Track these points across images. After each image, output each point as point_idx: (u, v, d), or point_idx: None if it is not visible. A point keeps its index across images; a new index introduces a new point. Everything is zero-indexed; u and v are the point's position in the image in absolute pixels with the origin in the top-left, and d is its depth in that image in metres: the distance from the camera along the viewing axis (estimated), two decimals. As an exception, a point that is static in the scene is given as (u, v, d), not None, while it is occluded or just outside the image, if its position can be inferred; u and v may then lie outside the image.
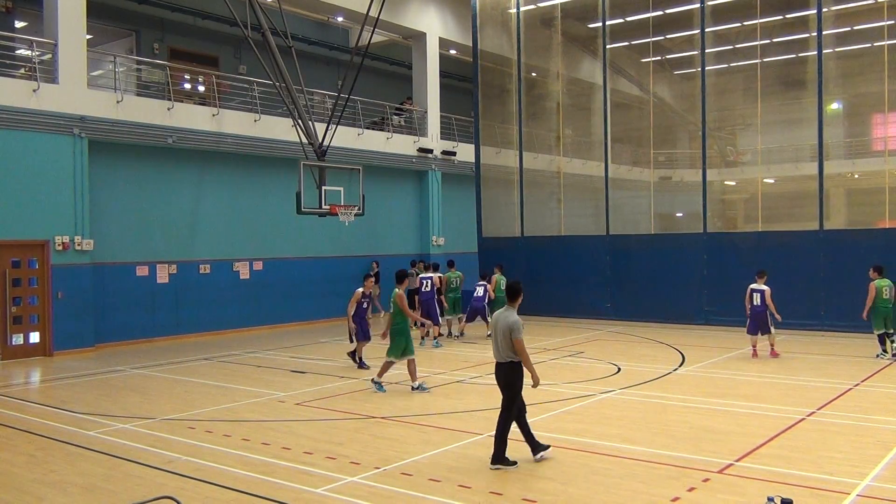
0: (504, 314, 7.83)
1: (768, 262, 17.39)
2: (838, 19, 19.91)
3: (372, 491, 6.97)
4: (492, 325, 7.97)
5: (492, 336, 7.94)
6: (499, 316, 7.88)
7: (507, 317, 7.77)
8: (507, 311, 7.86)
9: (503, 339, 7.72)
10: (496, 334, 7.81)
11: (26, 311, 16.22)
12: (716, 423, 9.34)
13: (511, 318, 7.74)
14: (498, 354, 7.81)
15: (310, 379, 13.02)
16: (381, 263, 22.30)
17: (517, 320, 7.71)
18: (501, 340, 7.74)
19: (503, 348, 7.74)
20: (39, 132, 16.11)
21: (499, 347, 7.78)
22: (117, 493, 7.06)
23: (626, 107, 23.67)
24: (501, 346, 7.75)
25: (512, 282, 8.14)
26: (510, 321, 7.70)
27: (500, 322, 7.80)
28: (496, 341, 7.81)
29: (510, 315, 7.78)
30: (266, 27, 18.25)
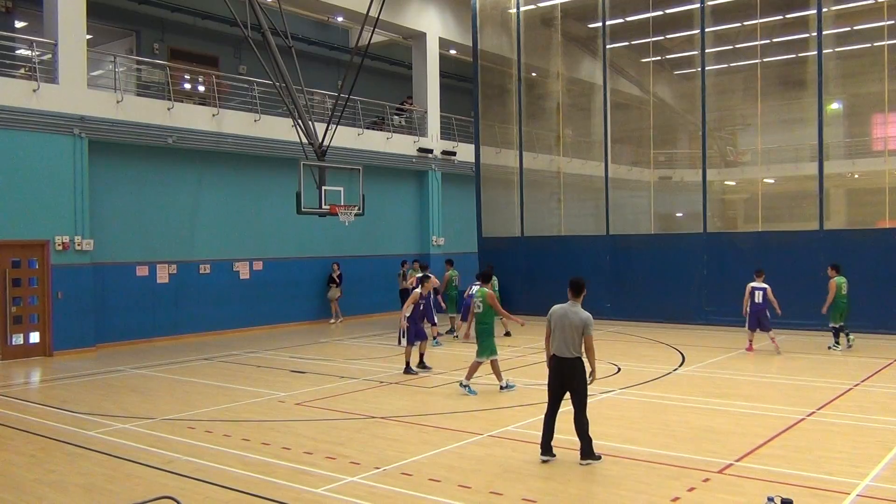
0: (573, 309, 7.74)
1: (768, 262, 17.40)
2: (838, 19, 19.91)
3: (372, 491, 6.97)
4: (556, 319, 7.82)
5: (555, 330, 7.80)
6: (567, 310, 7.76)
7: (578, 312, 7.70)
8: (574, 305, 7.78)
9: (574, 334, 7.63)
10: (563, 329, 7.69)
11: (26, 311, 16.22)
12: (716, 423, 9.34)
13: (583, 313, 7.69)
14: (564, 349, 7.70)
15: (310, 379, 13.02)
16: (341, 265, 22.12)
17: (590, 316, 7.69)
18: (572, 335, 7.64)
19: (572, 343, 7.65)
20: (39, 132, 16.11)
21: (566, 342, 7.67)
22: (117, 493, 7.06)
23: (626, 107, 23.67)
24: (570, 342, 7.65)
25: (576, 278, 8.03)
26: (583, 316, 7.65)
27: (570, 317, 7.69)
28: (563, 336, 7.69)
29: (581, 310, 7.71)
30: (266, 27, 18.25)
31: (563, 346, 7.69)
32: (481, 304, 11.68)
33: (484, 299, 11.64)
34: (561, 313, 7.79)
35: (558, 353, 7.73)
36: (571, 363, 7.69)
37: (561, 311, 7.82)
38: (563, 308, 7.82)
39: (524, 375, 12.96)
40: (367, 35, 18.58)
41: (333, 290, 21.74)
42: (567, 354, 7.69)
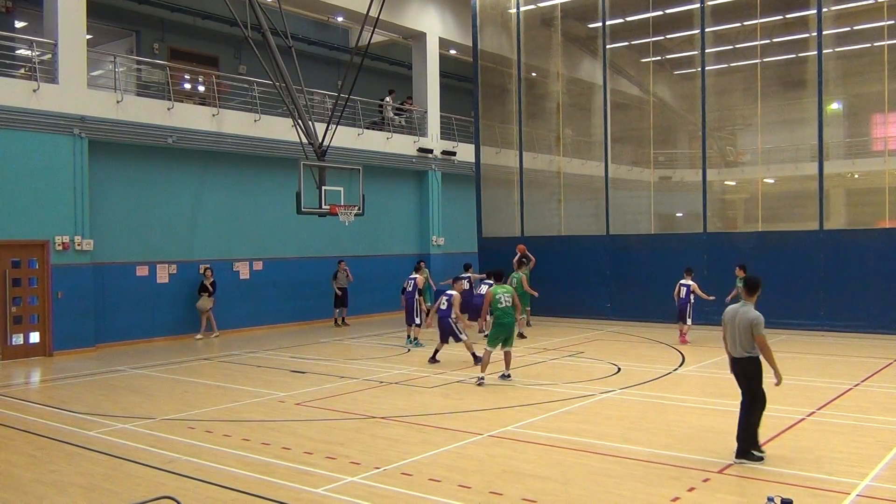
0: (744, 309, 7.68)
1: (768, 262, 17.41)
2: (838, 19, 19.90)
3: (372, 491, 6.97)
4: (727, 319, 7.80)
5: (725, 331, 7.80)
6: (737, 310, 7.72)
7: (748, 312, 7.62)
8: (746, 305, 7.71)
9: (743, 333, 7.59)
10: (733, 329, 7.67)
11: (26, 311, 16.22)
12: (716, 423, 9.33)
13: (752, 313, 7.60)
14: (734, 349, 7.69)
15: (310, 379, 13.02)
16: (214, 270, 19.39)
17: (760, 315, 7.59)
18: (741, 335, 7.60)
19: (742, 343, 7.61)
20: (39, 132, 16.11)
21: (736, 342, 7.65)
22: (117, 493, 7.06)
23: (626, 107, 23.66)
24: (740, 341, 7.62)
25: (752, 276, 8.00)
26: (751, 316, 7.57)
27: (739, 317, 7.65)
28: (733, 336, 7.67)
29: (750, 310, 7.64)
30: (266, 27, 18.25)
31: (732, 345, 7.72)
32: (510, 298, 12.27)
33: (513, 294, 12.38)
34: (731, 314, 7.77)
35: (730, 352, 7.79)
36: (742, 363, 7.67)
37: (731, 312, 7.78)
38: (733, 308, 7.80)
39: (524, 375, 12.96)
40: (367, 35, 18.58)
41: (204, 299, 18.87)
42: (737, 354, 7.68)
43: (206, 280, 18.90)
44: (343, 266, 21.63)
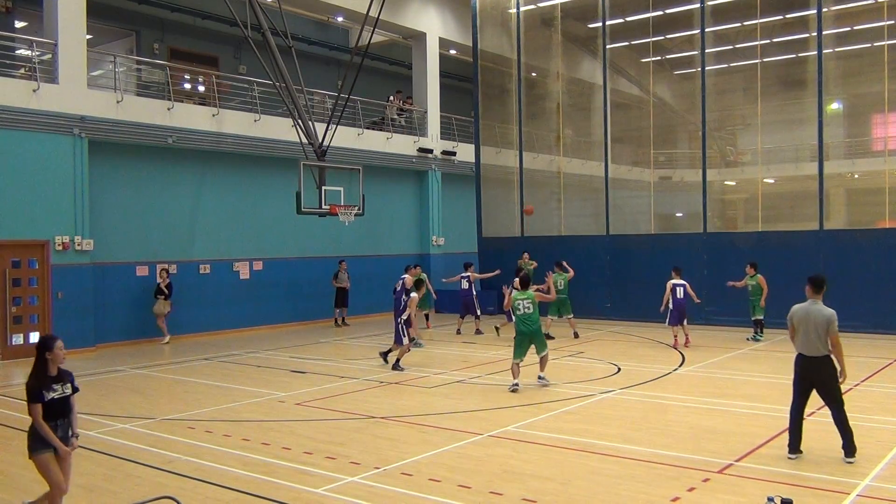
0: (816, 307, 7.55)
1: (768, 262, 17.40)
2: (838, 19, 19.91)
3: (372, 491, 6.96)
4: (799, 318, 7.66)
5: (799, 330, 7.66)
6: (809, 309, 7.58)
7: (823, 310, 7.50)
8: (816, 303, 7.58)
9: (821, 332, 7.45)
10: (807, 328, 7.53)
11: (26, 311, 16.22)
12: (716, 423, 9.34)
13: (827, 310, 7.48)
14: (811, 349, 7.53)
15: (310, 379, 13.02)
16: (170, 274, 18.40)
17: (834, 312, 7.49)
18: (820, 334, 7.46)
19: (818, 342, 7.49)
20: (39, 132, 16.11)
21: (811, 341, 7.51)
22: (117, 493, 7.06)
23: (626, 107, 23.67)
24: (817, 340, 7.49)
25: (817, 274, 7.88)
26: (826, 314, 7.46)
27: (814, 315, 7.51)
28: (807, 335, 7.53)
29: (825, 308, 7.51)
30: (266, 27, 18.26)
31: (808, 345, 7.56)
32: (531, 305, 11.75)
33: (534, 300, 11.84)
34: (804, 313, 7.62)
35: (805, 352, 7.63)
36: (818, 362, 7.54)
37: (804, 311, 7.63)
38: (804, 307, 7.65)
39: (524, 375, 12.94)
40: (367, 35, 18.59)
41: (160, 302, 17.91)
42: (814, 353, 7.55)
43: (161, 282, 17.92)
44: (344, 266, 21.61)
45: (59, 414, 5.97)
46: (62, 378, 6.03)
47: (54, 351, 5.94)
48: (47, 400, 5.84)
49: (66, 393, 6.00)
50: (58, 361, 5.96)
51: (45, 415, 5.85)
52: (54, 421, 5.93)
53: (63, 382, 6.01)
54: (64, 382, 6.01)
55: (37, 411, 5.85)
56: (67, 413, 6.04)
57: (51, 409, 5.89)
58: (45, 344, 5.98)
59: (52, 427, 5.90)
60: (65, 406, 6.00)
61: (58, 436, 5.93)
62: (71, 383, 6.07)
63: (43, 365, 5.93)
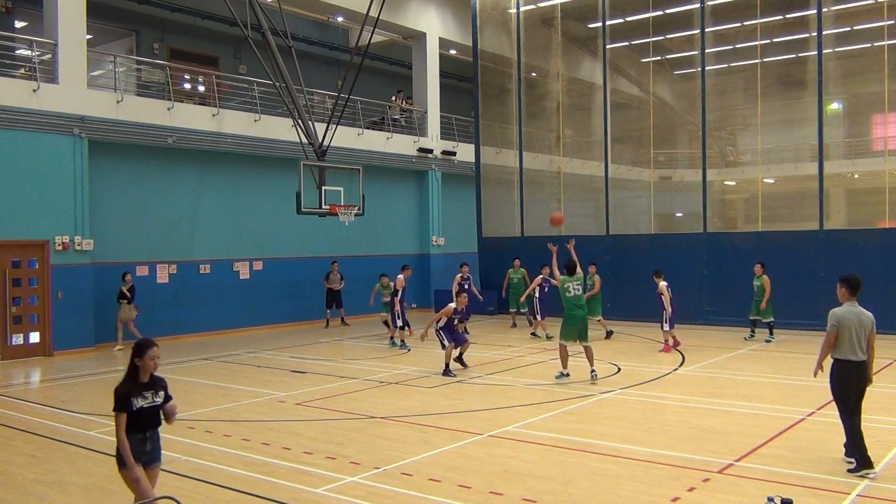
0: (859, 309, 7.36)
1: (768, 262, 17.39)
2: (838, 19, 19.89)
3: (372, 491, 6.96)
4: (847, 322, 7.33)
5: (850, 335, 7.33)
6: (857, 311, 7.36)
7: (865, 311, 7.34)
8: (856, 305, 7.39)
9: (865, 335, 7.31)
10: (858, 331, 7.29)
11: (26, 311, 16.22)
12: (716, 423, 9.34)
13: (868, 312, 7.33)
14: (858, 352, 7.33)
15: (310, 379, 13.02)
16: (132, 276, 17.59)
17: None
18: (864, 337, 7.31)
19: (864, 345, 7.32)
20: (39, 132, 16.11)
21: (860, 345, 7.31)
22: (117, 493, 7.05)
23: (626, 107, 23.66)
24: (862, 343, 7.31)
25: (853, 275, 7.58)
26: (871, 316, 7.32)
27: (862, 318, 7.32)
28: (857, 339, 7.30)
29: (865, 310, 7.35)
30: (266, 27, 18.26)
31: (857, 349, 7.31)
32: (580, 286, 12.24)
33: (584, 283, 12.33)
34: (854, 317, 7.33)
35: (854, 357, 7.31)
36: (863, 367, 7.36)
37: (854, 315, 7.34)
38: (852, 311, 7.37)
39: (524, 375, 12.96)
40: (367, 35, 18.58)
41: (125, 308, 17.04)
42: (861, 357, 7.32)
43: (124, 286, 17.04)
44: (336, 267, 21.58)
45: (149, 424, 5.50)
46: (154, 385, 5.55)
47: (144, 359, 5.46)
48: (135, 409, 5.38)
49: (156, 402, 5.51)
50: (148, 370, 5.50)
51: (132, 425, 5.38)
52: (143, 433, 5.46)
53: (155, 390, 5.53)
54: (156, 390, 5.53)
55: (121, 422, 5.37)
56: (158, 424, 5.59)
57: (139, 419, 5.42)
58: (136, 349, 5.52)
59: (140, 439, 5.43)
60: (155, 416, 5.54)
61: (146, 449, 5.48)
62: (164, 390, 5.59)
63: (134, 371, 5.48)
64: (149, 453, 5.49)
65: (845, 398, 7.41)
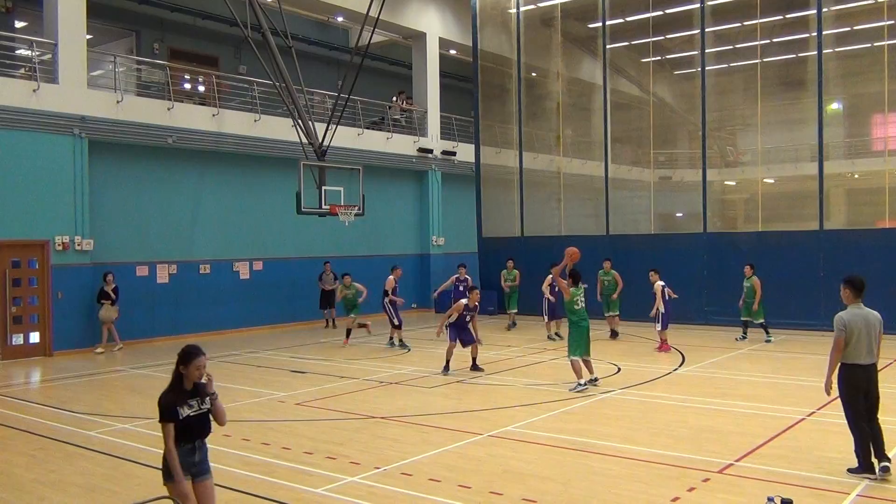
0: (867, 311, 7.13)
1: (768, 262, 17.40)
2: (838, 19, 19.89)
3: (372, 491, 6.96)
4: (858, 325, 7.06)
5: (860, 338, 7.07)
6: (866, 314, 7.12)
7: (873, 313, 7.11)
8: (863, 308, 7.16)
9: (876, 336, 7.09)
10: (870, 334, 7.06)
11: (26, 311, 16.22)
12: (716, 423, 9.34)
13: (875, 313, 7.11)
14: (870, 356, 7.08)
15: (310, 379, 13.02)
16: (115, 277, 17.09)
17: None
18: (875, 339, 7.09)
19: (874, 346, 7.10)
20: (39, 132, 16.11)
21: (872, 348, 7.08)
22: (117, 493, 7.06)
23: (626, 107, 23.65)
24: (874, 346, 7.10)
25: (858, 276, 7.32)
26: (879, 317, 7.11)
27: (870, 319, 7.10)
28: (869, 342, 7.06)
29: (871, 310, 7.14)
30: (266, 27, 18.25)
31: (867, 352, 7.07)
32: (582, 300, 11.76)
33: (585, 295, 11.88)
34: (862, 319, 7.07)
35: (863, 360, 7.07)
36: (873, 369, 7.14)
37: (862, 317, 7.09)
38: (861, 313, 7.12)
39: (524, 375, 12.96)
40: (367, 35, 18.58)
41: (107, 308, 16.67)
42: (871, 360, 7.10)
43: (106, 286, 16.70)
44: (329, 267, 21.48)
45: (198, 433, 5.21)
46: (199, 392, 5.24)
47: (189, 368, 5.18)
48: (182, 417, 5.10)
49: (203, 409, 5.22)
50: (192, 379, 5.20)
51: (180, 435, 5.11)
52: (191, 442, 5.18)
53: (200, 397, 5.23)
54: (202, 397, 5.23)
55: (168, 431, 5.07)
56: (206, 433, 5.29)
57: (187, 428, 5.14)
58: (182, 357, 5.23)
59: (188, 449, 5.16)
60: (203, 425, 5.24)
61: (194, 460, 5.19)
62: (209, 396, 5.26)
63: (178, 379, 5.21)
64: (197, 465, 5.23)
65: (854, 403, 7.14)
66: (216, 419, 5.34)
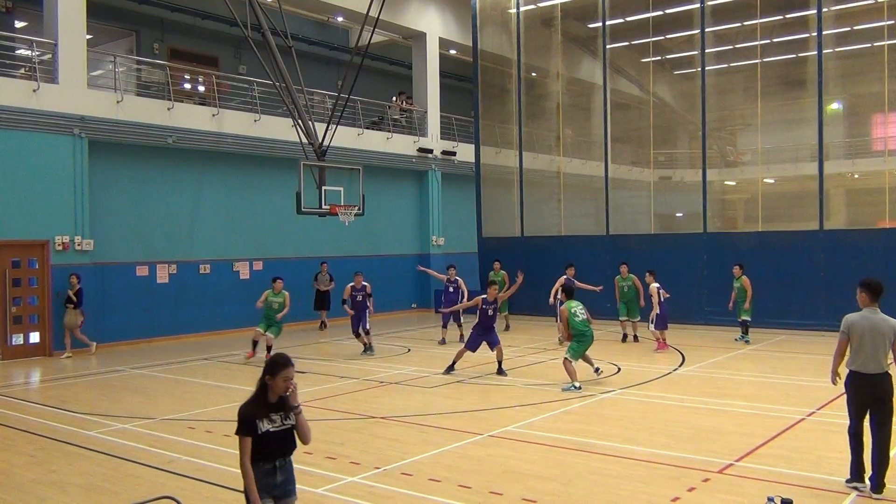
0: (880, 315, 6.64)
1: (768, 262, 17.39)
2: (838, 19, 19.90)
3: (372, 491, 6.96)
4: (861, 330, 6.62)
5: (863, 344, 6.61)
6: (874, 319, 6.62)
7: (887, 320, 6.58)
8: (877, 312, 6.67)
9: (886, 344, 6.54)
10: (874, 340, 6.56)
11: (26, 311, 16.22)
12: (716, 423, 9.34)
13: (892, 320, 6.59)
14: (875, 365, 6.55)
15: (310, 379, 13.01)
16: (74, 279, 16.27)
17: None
18: (884, 348, 6.55)
19: (883, 357, 6.55)
20: (39, 132, 16.11)
21: (878, 356, 6.54)
22: (117, 493, 7.06)
23: (626, 107, 23.67)
24: (882, 356, 6.55)
25: (874, 278, 6.83)
26: (892, 323, 6.55)
27: (880, 325, 6.58)
28: (874, 349, 6.55)
29: (888, 317, 6.62)
30: (266, 27, 18.25)
31: (872, 361, 6.55)
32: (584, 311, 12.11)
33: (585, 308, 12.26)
34: (868, 324, 6.59)
35: (866, 369, 6.57)
36: (880, 379, 6.56)
37: (868, 321, 6.61)
38: (867, 317, 6.64)
39: (524, 375, 12.96)
40: (367, 35, 18.57)
41: (70, 313, 15.99)
42: (877, 370, 6.54)
43: (70, 290, 15.98)
44: (326, 268, 21.42)
45: (279, 451, 4.69)
46: (283, 406, 4.72)
47: (276, 379, 4.67)
48: (262, 432, 4.63)
49: (287, 424, 4.72)
50: (278, 391, 4.70)
51: (258, 453, 4.62)
52: (272, 462, 4.66)
53: (285, 412, 4.72)
54: (286, 412, 4.72)
55: (245, 447, 4.61)
56: (290, 451, 4.76)
57: (267, 444, 4.62)
58: (269, 367, 4.74)
59: (268, 470, 4.64)
60: (287, 442, 4.73)
61: (275, 481, 4.66)
62: (293, 410, 4.75)
63: (262, 390, 4.74)
64: (280, 486, 4.69)
65: (855, 412, 6.74)
66: (300, 436, 4.82)
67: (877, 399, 6.60)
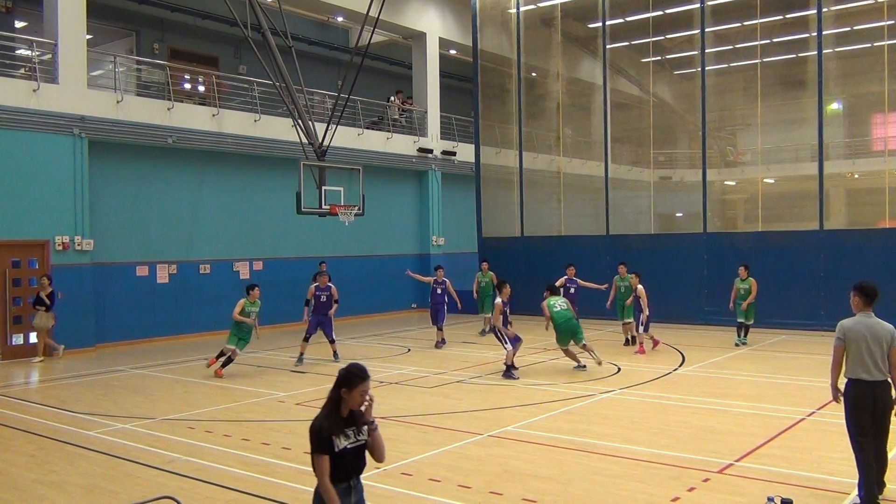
0: (875, 320, 6.33)
1: (768, 262, 17.39)
2: (838, 19, 19.91)
3: (372, 491, 6.94)
4: (857, 335, 6.33)
5: (859, 349, 6.31)
6: (870, 324, 6.32)
7: (884, 324, 6.29)
8: (871, 316, 6.36)
9: (883, 349, 6.22)
10: (870, 345, 6.25)
11: (26, 311, 16.20)
12: (716, 423, 9.34)
13: (887, 324, 6.28)
14: (874, 371, 6.23)
15: (310, 379, 13.02)
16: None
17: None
18: (881, 354, 6.22)
19: (882, 363, 6.22)
20: (39, 132, 16.11)
21: (876, 362, 6.22)
22: (117, 493, 7.06)
23: (626, 107, 23.67)
24: (881, 361, 6.22)
25: (868, 282, 6.55)
26: (889, 329, 6.25)
27: (877, 330, 6.28)
28: (871, 354, 6.24)
29: (883, 322, 6.31)
30: (266, 27, 18.25)
31: (869, 367, 6.24)
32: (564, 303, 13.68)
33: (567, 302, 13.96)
34: (864, 328, 6.30)
35: (865, 376, 6.26)
36: (879, 387, 6.24)
37: (864, 326, 6.32)
38: (862, 321, 6.36)
39: (524, 375, 12.95)
40: (367, 35, 18.57)
41: (41, 315, 15.37)
42: (876, 377, 6.22)
43: (42, 291, 15.40)
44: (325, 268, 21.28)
45: (353, 469, 4.36)
46: (355, 420, 4.39)
47: (353, 392, 4.35)
48: (339, 450, 4.27)
49: (360, 440, 4.39)
50: (352, 406, 4.38)
51: (333, 472, 4.25)
52: (346, 481, 4.32)
53: (358, 426, 4.39)
54: (359, 426, 4.40)
55: (324, 467, 4.22)
56: (362, 468, 4.43)
57: (342, 463, 4.28)
58: (345, 379, 4.40)
59: (343, 489, 4.27)
60: (360, 459, 4.40)
61: (352, 502, 4.33)
62: (367, 425, 4.45)
63: (336, 402, 4.42)
64: None
65: (857, 423, 6.32)
66: (373, 454, 4.48)
67: (879, 408, 6.30)
